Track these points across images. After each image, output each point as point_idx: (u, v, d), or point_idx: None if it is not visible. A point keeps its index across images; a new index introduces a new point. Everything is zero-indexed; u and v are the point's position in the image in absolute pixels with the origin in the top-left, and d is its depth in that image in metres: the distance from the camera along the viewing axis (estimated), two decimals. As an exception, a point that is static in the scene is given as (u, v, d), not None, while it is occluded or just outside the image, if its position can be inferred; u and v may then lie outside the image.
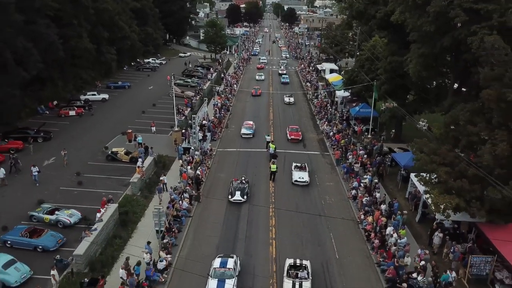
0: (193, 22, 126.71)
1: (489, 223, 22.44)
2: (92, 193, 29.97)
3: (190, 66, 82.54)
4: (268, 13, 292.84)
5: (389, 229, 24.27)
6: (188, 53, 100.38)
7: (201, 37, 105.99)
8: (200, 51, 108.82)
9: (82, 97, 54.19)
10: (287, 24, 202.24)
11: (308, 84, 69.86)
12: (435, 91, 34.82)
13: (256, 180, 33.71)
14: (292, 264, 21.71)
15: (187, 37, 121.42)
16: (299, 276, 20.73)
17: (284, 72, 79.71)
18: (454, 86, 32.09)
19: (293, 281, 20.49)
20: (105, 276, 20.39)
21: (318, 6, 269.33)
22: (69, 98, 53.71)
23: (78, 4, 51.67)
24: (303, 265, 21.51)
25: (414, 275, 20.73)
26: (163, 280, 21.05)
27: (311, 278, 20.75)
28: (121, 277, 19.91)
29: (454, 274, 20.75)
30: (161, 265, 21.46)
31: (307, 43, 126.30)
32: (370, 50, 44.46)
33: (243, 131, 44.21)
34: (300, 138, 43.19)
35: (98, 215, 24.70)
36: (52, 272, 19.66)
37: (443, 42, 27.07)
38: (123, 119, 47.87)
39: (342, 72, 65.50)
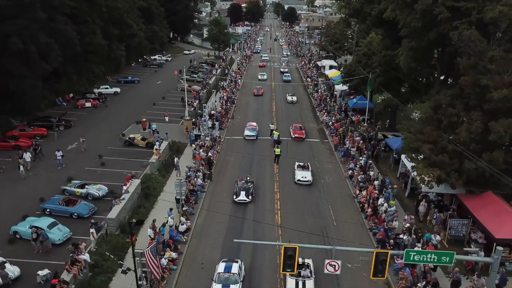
0: (196, 21, 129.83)
1: (467, 194, 25.80)
2: (114, 172, 33.25)
3: (195, 62, 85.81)
4: (268, 13, 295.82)
5: (381, 200, 27.63)
6: (192, 51, 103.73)
7: (205, 36, 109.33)
8: (203, 49, 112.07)
9: (96, 90, 57.48)
10: (287, 23, 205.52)
11: (309, 79, 73.22)
12: (425, 83, 38.15)
13: (262, 163, 37.10)
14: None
15: (191, 35, 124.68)
16: (302, 274, 20.50)
17: (286, 70, 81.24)
18: (441, 77, 35.39)
19: (296, 279, 20.27)
20: (136, 234, 23.73)
21: (318, 5, 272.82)
22: (83, 91, 56.98)
23: (92, 3, 54.97)
24: (306, 264, 21.29)
25: (401, 235, 24.06)
26: (184, 240, 24.39)
27: (314, 276, 20.69)
28: (149, 236, 23.22)
29: (438, 237, 24.04)
30: (182, 228, 24.81)
31: (307, 42, 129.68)
32: (367, 46, 47.81)
33: (246, 133, 43.04)
34: (303, 137, 43.36)
35: (124, 187, 28.06)
36: (91, 230, 22.99)
37: (429, 36, 30.42)
38: (136, 110, 51.14)
39: (341, 69, 68.82)
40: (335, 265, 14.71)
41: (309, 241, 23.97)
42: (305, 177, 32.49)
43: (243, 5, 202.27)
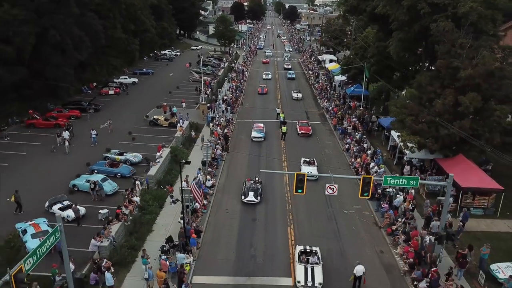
0: (201, 18, 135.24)
1: (443, 158, 31.26)
2: (144, 145, 38.70)
3: (203, 57, 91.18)
4: (269, 11, 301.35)
5: (372, 164, 33.13)
6: (199, 46, 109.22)
7: (210, 32, 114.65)
8: (209, 45, 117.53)
9: (116, 80, 62.98)
10: (288, 21, 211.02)
11: (310, 72, 78.68)
12: (413, 70, 43.63)
13: (270, 139, 42.56)
14: (303, 250, 22.27)
15: (197, 32, 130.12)
16: (310, 261, 21.19)
17: (290, 66, 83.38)
18: (426, 64, 40.84)
19: (305, 266, 20.85)
20: (173, 185, 29.30)
21: (318, 4, 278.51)
22: (104, 80, 62.48)
23: (115, 0, 60.43)
24: (313, 251, 22.15)
25: (387, 189, 29.55)
26: (211, 193, 29.90)
27: (322, 263, 21.38)
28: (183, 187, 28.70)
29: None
30: (208, 183, 30.32)
31: (308, 38, 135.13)
32: (364, 39, 53.29)
33: (254, 134, 41.65)
34: (310, 133, 43.31)
35: (158, 153, 33.57)
36: (137, 182, 28.49)
37: (414, 28, 35.88)
38: (154, 97, 56.58)
39: (341, 62, 74.27)
40: (333, 188, 20.21)
41: (313, 196, 29.58)
42: (311, 172, 31.46)
43: (245, 3, 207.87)
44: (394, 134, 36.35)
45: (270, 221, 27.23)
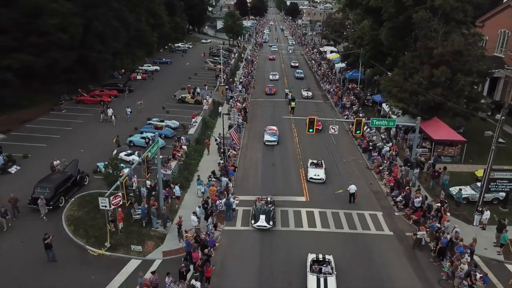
0: (209, 14, 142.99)
1: (422, 122, 39.12)
2: (177, 116, 46.61)
3: (214, 49, 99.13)
4: (271, 8, 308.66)
5: (365, 127, 41.10)
6: (209, 40, 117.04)
7: (218, 27, 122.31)
8: (217, 39, 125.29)
9: (141, 68, 70.91)
10: (290, 17, 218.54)
11: (313, 61, 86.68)
12: (401, 55, 51.48)
13: (279, 112, 50.40)
14: (315, 259, 20.81)
15: (206, 27, 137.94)
16: (323, 271, 19.90)
17: (297, 64, 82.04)
18: (412, 49, 48.66)
19: (317, 276, 19.50)
20: (209, 140, 37.34)
21: (318, 1, 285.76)
22: (131, 68, 70.37)
23: (141, -4, 68.40)
24: (326, 260, 20.71)
25: (377, 144, 37.56)
26: (238, 147, 37.92)
27: (335, 273, 19.94)
28: (215, 141, 36.76)
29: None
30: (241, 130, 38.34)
31: (310, 33, 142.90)
32: (361, 30, 61.17)
33: (267, 137, 39.30)
34: (320, 128, 42.40)
35: (193, 120, 41.57)
36: (182, 137, 36.52)
37: (400, 18, 43.74)
38: (177, 82, 64.50)
39: (341, 51, 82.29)
40: (335, 128, 28.22)
41: (317, 153, 37.67)
42: (318, 175, 30.96)
43: (248, 0, 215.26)
44: (385, 106, 44.32)
45: (285, 165, 35.25)
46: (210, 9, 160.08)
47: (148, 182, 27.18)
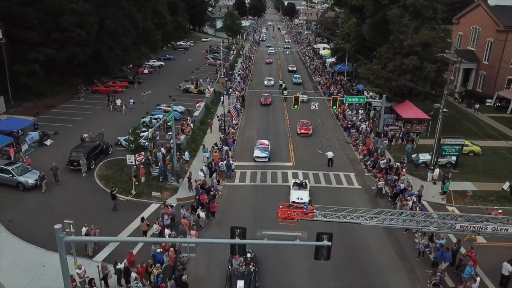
0: (209, 14, 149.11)
1: (396, 104, 45.18)
2: (183, 103, 52.62)
3: (214, 47, 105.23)
4: (269, 8, 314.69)
5: (347, 110, 47.15)
6: (209, 39, 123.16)
7: (217, 26, 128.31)
8: (216, 37, 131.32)
9: (147, 63, 76.96)
10: (287, 17, 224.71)
11: (307, 57, 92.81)
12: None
13: (273, 101, 56.48)
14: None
15: (206, 26, 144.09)
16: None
17: (295, 68, 79.91)
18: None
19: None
20: (212, 120, 43.34)
21: (316, 1, 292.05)
22: (138, 63, 76.46)
23: (148, -3, 74.62)
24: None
25: (356, 123, 43.57)
26: (236, 127, 43.93)
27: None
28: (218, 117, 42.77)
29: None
30: (233, 123, 44.32)
31: (305, 32, 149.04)
32: (348, 27, 67.20)
33: (257, 153, 35.66)
34: (310, 132, 42.91)
35: (197, 105, 47.60)
36: (188, 117, 42.52)
37: (378, 15, 49.77)
38: (180, 75, 70.45)
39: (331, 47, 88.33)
40: (315, 104, 34.21)
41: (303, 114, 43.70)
42: (302, 198, 27.27)
43: (247, 1, 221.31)
44: (366, 93, 50.38)
45: (277, 141, 41.27)
46: (210, 9, 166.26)
47: (162, 149, 33.20)
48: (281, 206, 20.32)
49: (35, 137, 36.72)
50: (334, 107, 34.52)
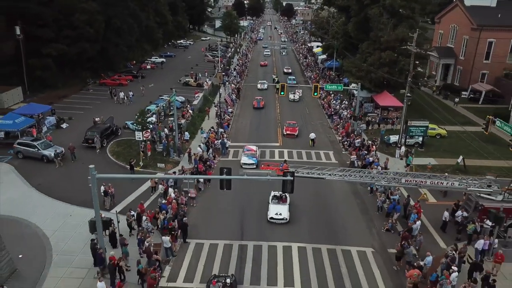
0: (208, 14, 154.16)
1: (376, 95, 50.05)
2: (183, 95, 57.44)
3: (214, 45, 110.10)
4: (268, 9, 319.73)
5: (333, 101, 52.04)
6: (208, 37, 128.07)
7: (216, 26, 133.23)
8: (215, 36, 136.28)
9: (149, 59, 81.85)
10: (285, 17, 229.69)
11: (300, 55, 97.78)
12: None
13: (269, 92, 61.32)
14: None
15: (205, 26, 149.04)
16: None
17: (290, 71, 78.98)
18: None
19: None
20: (209, 108, 48.19)
21: (314, 2, 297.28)
22: (140, 60, 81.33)
23: (151, -2, 79.51)
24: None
25: (339, 111, 48.41)
26: (231, 115, 48.76)
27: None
28: (214, 104, 47.64)
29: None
30: (229, 111, 49.18)
31: (301, 32, 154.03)
32: (337, 26, 72.13)
33: (244, 160, 34.46)
34: (296, 133, 42.30)
35: (196, 95, 52.46)
36: (188, 105, 47.37)
37: (361, 15, 54.68)
38: (181, 71, 75.29)
39: (322, 44, 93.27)
40: (299, 92, 39.00)
41: (293, 114, 48.53)
42: (280, 214, 25.81)
43: (246, 1, 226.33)
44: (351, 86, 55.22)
45: (268, 125, 46.14)
46: (209, 9, 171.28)
47: (166, 130, 38.05)
48: (262, 165, 25.17)
49: (52, 121, 41.57)
50: (316, 94, 39.33)
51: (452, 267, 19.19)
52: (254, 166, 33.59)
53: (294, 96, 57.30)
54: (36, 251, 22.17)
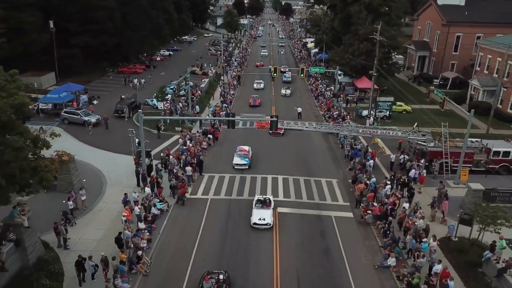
0: (210, 12, 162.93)
1: (356, 80, 58.72)
2: (191, 81, 66.04)
3: (216, 40, 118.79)
4: (267, 8, 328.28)
5: (320, 85, 60.81)
6: (210, 34, 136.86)
7: (218, 23, 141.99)
8: (217, 33, 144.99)
9: (158, 52, 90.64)
10: (284, 16, 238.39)
11: (296, 49, 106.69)
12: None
13: (266, 82, 69.97)
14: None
15: (208, 23, 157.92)
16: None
17: (287, 69, 76.12)
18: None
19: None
20: (215, 91, 56.92)
21: (313, 1, 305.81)
22: (150, 53, 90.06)
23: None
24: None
25: (324, 93, 57.19)
26: (233, 96, 57.51)
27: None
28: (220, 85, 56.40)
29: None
30: (230, 94, 57.95)
31: (299, 30, 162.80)
32: (328, 22, 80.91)
33: (236, 160, 34.11)
34: (281, 132, 41.43)
35: (202, 81, 61.24)
36: (197, 87, 56.11)
37: (345, 12, 63.42)
38: (188, 62, 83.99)
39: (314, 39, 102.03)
40: (289, 73, 47.74)
41: (287, 105, 57.37)
42: (264, 219, 25.21)
43: (246, 0, 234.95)
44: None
45: (264, 101, 54.92)
46: (211, 8, 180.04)
47: (180, 104, 46.77)
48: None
49: (85, 99, 50.31)
50: (302, 75, 48.12)
51: (386, 181, 28.00)
52: (247, 167, 33.54)
53: (286, 92, 61.49)
54: (95, 178, 30.99)
